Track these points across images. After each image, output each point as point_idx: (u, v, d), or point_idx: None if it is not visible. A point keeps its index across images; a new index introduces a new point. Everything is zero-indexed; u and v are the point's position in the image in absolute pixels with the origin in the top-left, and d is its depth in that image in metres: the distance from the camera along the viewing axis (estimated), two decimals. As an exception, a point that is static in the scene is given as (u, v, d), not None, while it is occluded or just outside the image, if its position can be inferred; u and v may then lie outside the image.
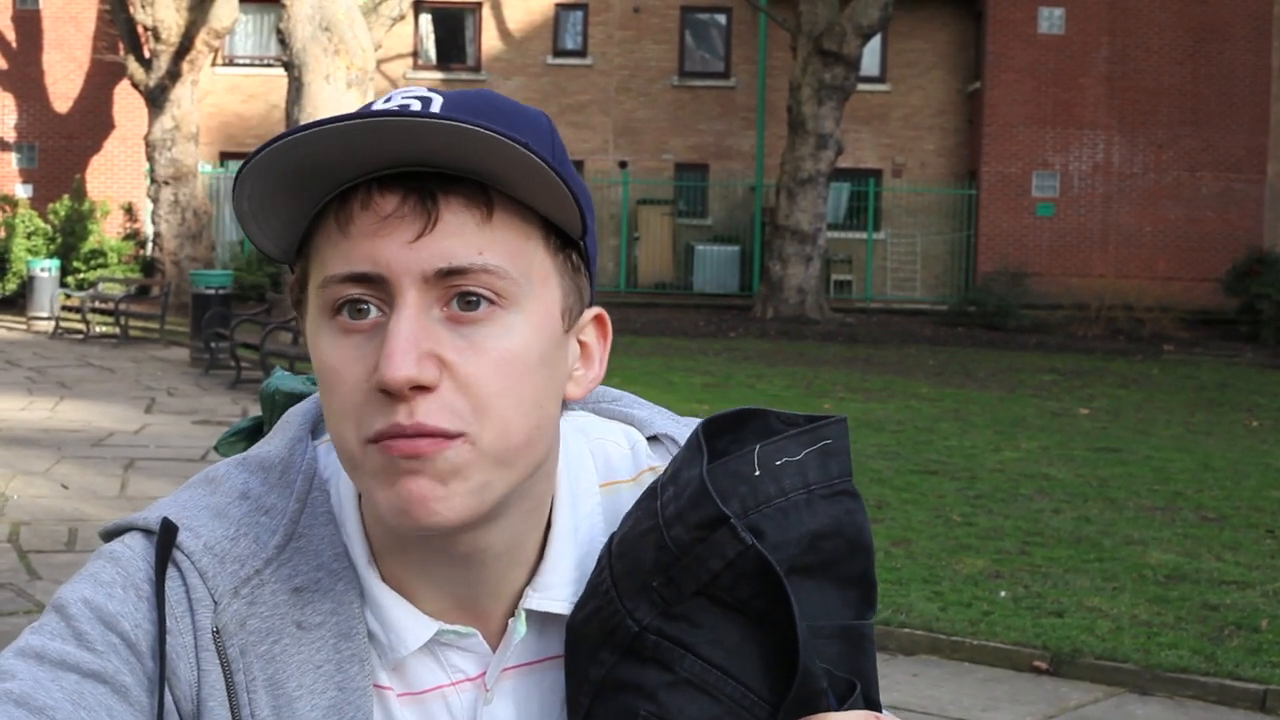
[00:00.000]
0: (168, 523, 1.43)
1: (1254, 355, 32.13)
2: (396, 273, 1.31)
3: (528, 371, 1.36)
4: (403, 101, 1.35)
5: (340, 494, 1.49)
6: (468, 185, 1.33)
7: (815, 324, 34.05)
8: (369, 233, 1.32)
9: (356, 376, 1.33)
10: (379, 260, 1.31)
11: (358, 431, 1.33)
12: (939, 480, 14.94)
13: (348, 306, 1.34)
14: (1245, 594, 10.53)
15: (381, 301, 1.33)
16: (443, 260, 1.31)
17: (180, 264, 34.35)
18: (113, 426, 17.86)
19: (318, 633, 1.42)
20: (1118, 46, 40.00)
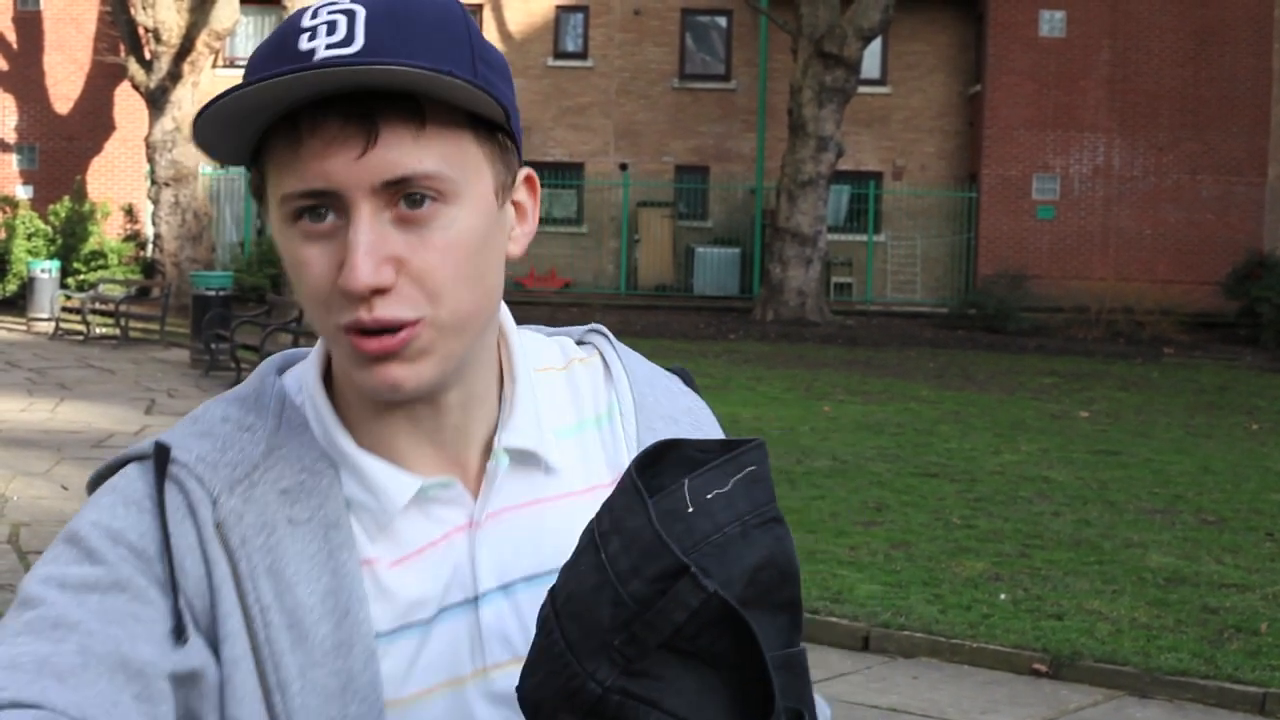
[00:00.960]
0: (160, 444, 1.57)
1: (1254, 358, 32.13)
2: (348, 187, 1.46)
3: (472, 253, 1.52)
4: (329, 18, 1.47)
5: (310, 401, 1.63)
6: (401, 101, 1.47)
7: (815, 326, 34.05)
8: (318, 153, 1.46)
9: (322, 271, 1.48)
10: (331, 177, 1.46)
11: (328, 318, 1.50)
12: (939, 483, 14.94)
13: (307, 213, 1.49)
14: (1245, 597, 10.54)
15: (336, 208, 1.48)
16: (387, 172, 1.46)
17: (181, 265, 34.36)
18: (113, 428, 17.87)
19: (307, 526, 1.54)
20: (1118, 49, 40.01)
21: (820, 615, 9.87)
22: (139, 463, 1.57)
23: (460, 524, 1.61)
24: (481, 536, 1.60)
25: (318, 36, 1.46)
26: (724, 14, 41.96)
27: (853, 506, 13.52)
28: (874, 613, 9.90)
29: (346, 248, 1.46)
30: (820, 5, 34.37)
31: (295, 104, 1.46)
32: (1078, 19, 40.06)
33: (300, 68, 1.42)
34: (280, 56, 1.46)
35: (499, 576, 1.60)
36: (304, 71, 1.41)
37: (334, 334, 1.50)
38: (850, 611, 9.93)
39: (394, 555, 1.58)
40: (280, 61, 1.45)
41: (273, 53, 1.49)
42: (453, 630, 1.58)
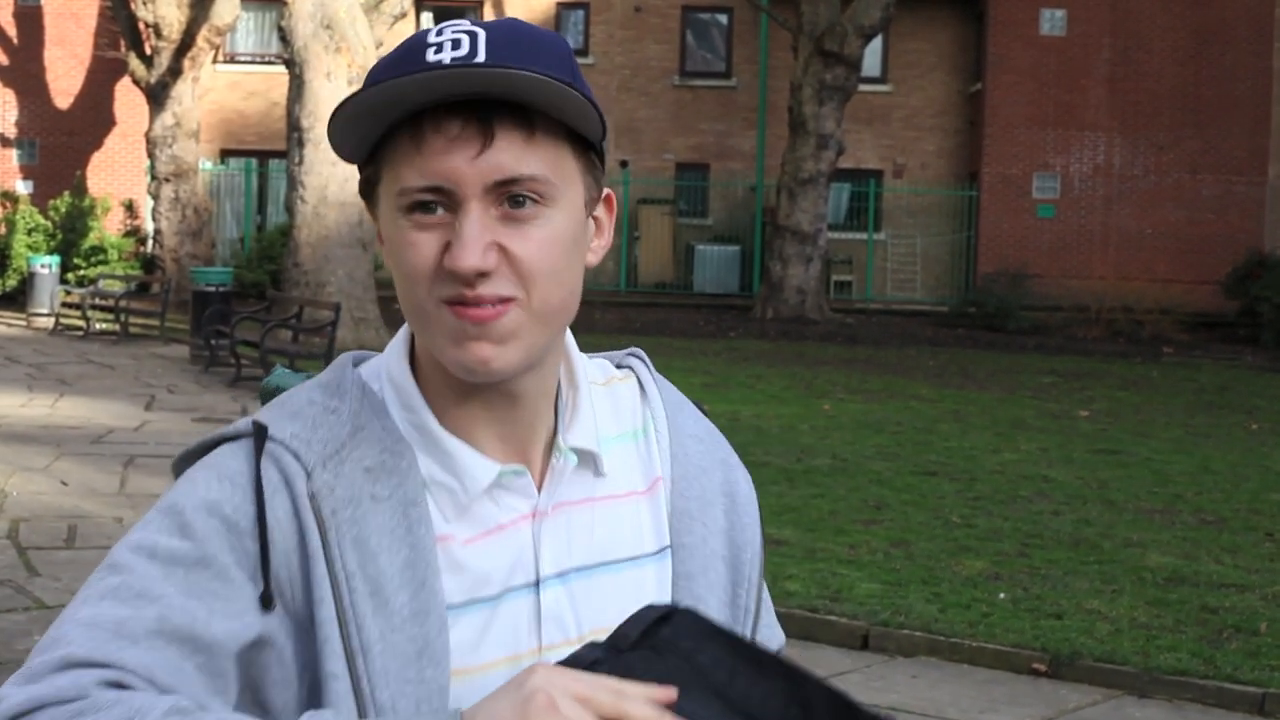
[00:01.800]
0: (258, 423, 1.73)
1: (1254, 358, 32.15)
2: (462, 184, 1.65)
3: (562, 251, 1.70)
4: (454, 36, 1.67)
5: (392, 388, 1.80)
6: (515, 110, 1.66)
7: (815, 324, 34.06)
8: (439, 152, 1.65)
9: (432, 253, 1.66)
10: (448, 175, 1.65)
11: (431, 293, 1.67)
12: (938, 481, 14.95)
13: (419, 207, 1.67)
14: (1244, 597, 10.54)
15: (447, 204, 1.66)
16: (498, 173, 1.65)
17: (180, 261, 34.35)
18: (112, 423, 17.86)
19: (388, 503, 1.70)
20: (1119, 48, 40.02)
21: (820, 614, 9.88)
22: (233, 442, 1.73)
23: (525, 512, 1.77)
24: (545, 526, 1.78)
25: (443, 50, 1.66)
26: (724, 11, 41.97)
27: (852, 505, 13.53)
28: (873, 611, 9.90)
29: (456, 235, 1.65)
30: (821, 3, 34.40)
31: (422, 105, 1.65)
32: (1078, 17, 40.07)
33: (435, 66, 1.63)
34: (408, 66, 1.65)
35: (557, 565, 1.77)
36: (442, 71, 1.61)
37: (433, 308, 1.67)
38: (850, 610, 9.93)
39: (466, 534, 1.74)
40: (409, 70, 1.64)
41: (399, 62, 1.67)
42: (515, 610, 1.74)
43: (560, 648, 1.72)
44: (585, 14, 41.76)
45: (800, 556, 11.39)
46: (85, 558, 11.01)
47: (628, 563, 1.82)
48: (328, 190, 25.55)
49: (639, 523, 1.85)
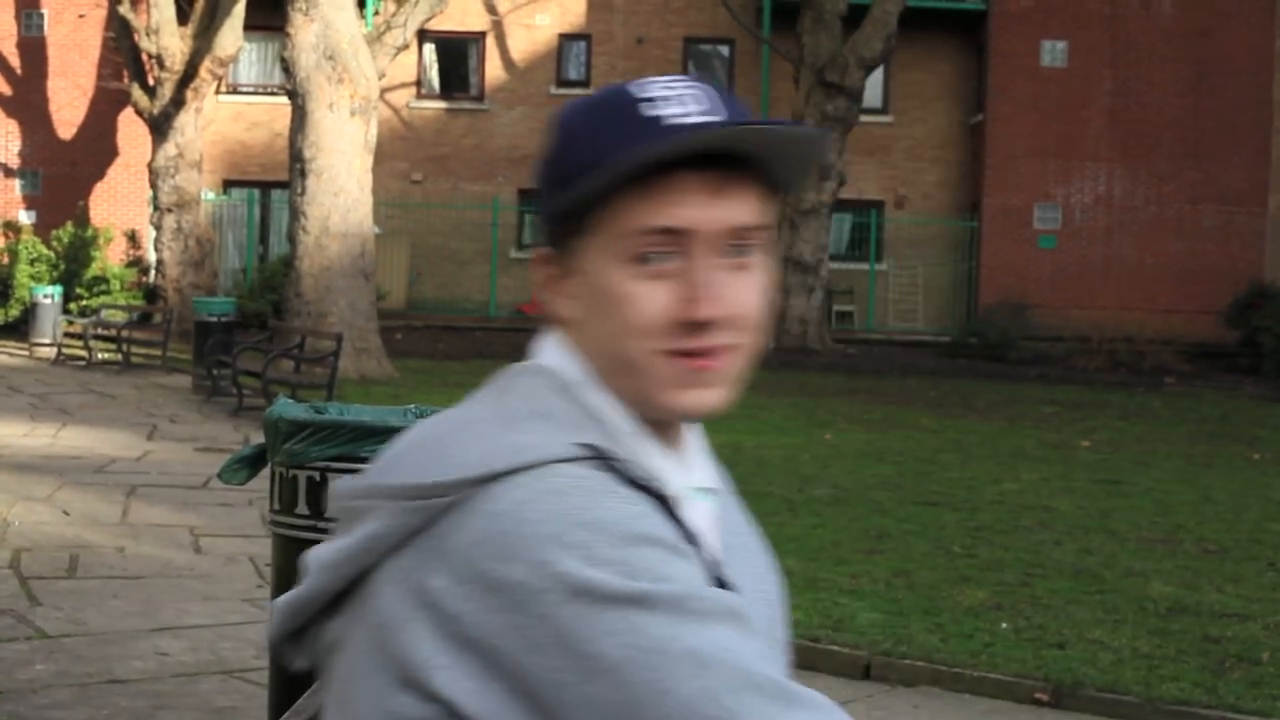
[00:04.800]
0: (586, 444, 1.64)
1: (1255, 388, 32.16)
2: (699, 230, 1.68)
3: (765, 295, 1.76)
4: (682, 92, 1.72)
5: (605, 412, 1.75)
6: (746, 162, 1.70)
7: (817, 355, 34.07)
8: (675, 201, 1.67)
9: (660, 307, 1.67)
10: (686, 219, 1.67)
11: (649, 345, 1.68)
12: (940, 511, 14.94)
13: (650, 253, 1.68)
14: (1247, 626, 10.53)
15: (677, 252, 1.68)
16: (732, 222, 1.69)
17: (183, 291, 34.38)
18: (114, 453, 17.87)
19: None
20: (1120, 80, 40.10)
21: (821, 643, 9.86)
22: (569, 465, 1.61)
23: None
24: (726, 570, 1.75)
25: (660, 107, 1.70)
26: (726, 43, 42.05)
27: (854, 535, 13.51)
28: (875, 641, 9.88)
29: (692, 284, 1.67)
30: (822, 34, 34.47)
31: (658, 162, 1.66)
32: (1079, 49, 40.15)
33: (735, 123, 1.68)
34: (635, 122, 1.69)
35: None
36: (716, 129, 1.66)
37: (648, 358, 1.69)
38: (851, 640, 9.92)
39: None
40: (638, 125, 1.69)
41: (624, 117, 1.71)
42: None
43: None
44: (587, 45, 41.85)
45: (801, 586, 11.38)
46: (87, 587, 11.00)
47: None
48: (330, 221, 25.61)
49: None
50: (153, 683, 8.62)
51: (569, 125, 1.77)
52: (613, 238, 1.70)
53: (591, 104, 1.76)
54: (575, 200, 1.71)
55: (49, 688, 8.60)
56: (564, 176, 1.73)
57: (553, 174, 1.76)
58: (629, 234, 1.68)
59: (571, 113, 1.78)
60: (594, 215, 1.71)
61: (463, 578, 1.55)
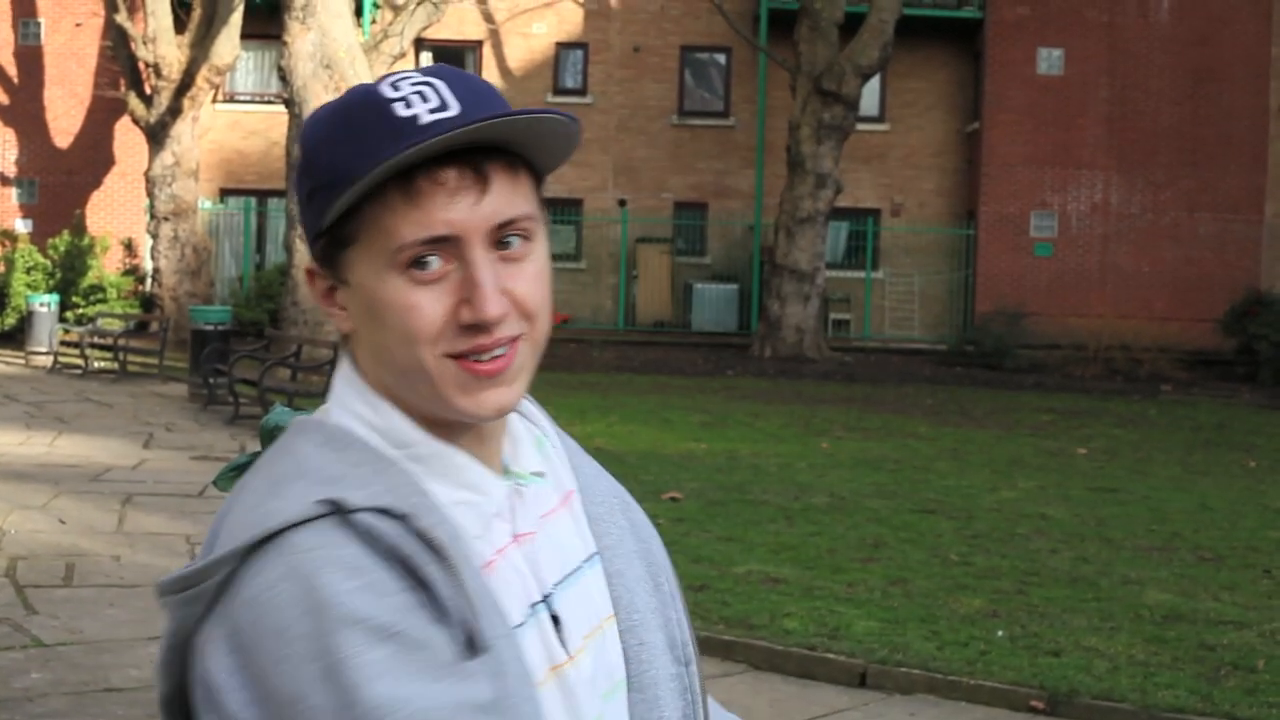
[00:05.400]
0: (327, 500, 1.60)
1: (1251, 396, 32.16)
2: (467, 232, 1.66)
3: (547, 280, 1.74)
4: (414, 89, 1.69)
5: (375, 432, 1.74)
6: (501, 153, 1.69)
7: (813, 363, 34.09)
8: (440, 205, 1.65)
9: (436, 313, 1.65)
10: (453, 224, 1.65)
11: (435, 350, 1.66)
12: (936, 519, 14.95)
13: (415, 263, 1.65)
14: (1242, 634, 10.54)
15: (447, 255, 1.66)
16: (498, 216, 1.68)
17: (179, 300, 34.38)
18: (110, 461, 17.87)
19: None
20: (1116, 87, 40.12)
21: (817, 651, 9.88)
22: (304, 529, 1.58)
23: (510, 537, 1.76)
24: (536, 543, 1.78)
25: (413, 105, 1.67)
26: (723, 51, 42.06)
27: (850, 543, 13.52)
28: (871, 649, 9.89)
29: (469, 285, 1.66)
30: (819, 43, 34.51)
31: (415, 163, 1.64)
32: (1076, 57, 40.17)
33: (435, 126, 1.64)
34: (384, 125, 1.66)
35: (553, 576, 1.79)
36: (470, 125, 1.63)
37: (435, 363, 1.67)
38: (847, 648, 9.93)
39: (483, 559, 1.71)
40: (386, 129, 1.65)
41: (371, 122, 1.67)
42: (541, 625, 1.74)
43: (582, 652, 1.77)
44: (584, 54, 41.86)
45: (798, 594, 11.39)
46: (83, 596, 11.01)
47: (584, 565, 1.85)
48: (326, 229, 25.59)
49: (572, 529, 1.86)
50: (148, 691, 8.61)
51: (320, 134, 1.72)
52: (380, 248, 1.67)
53: (340, 110, 1.72)
54: (339, 212, 1.67)
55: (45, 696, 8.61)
56: (321, 187, 1.69)
57: (309, 186, 1.72)
58: (397, 243, 1.65)
59: (320, 121, 1.73)
60: (358, 225, 1.68)
61: (230, 666, 1.56)
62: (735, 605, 10.97)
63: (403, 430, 1.73)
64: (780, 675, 9.76)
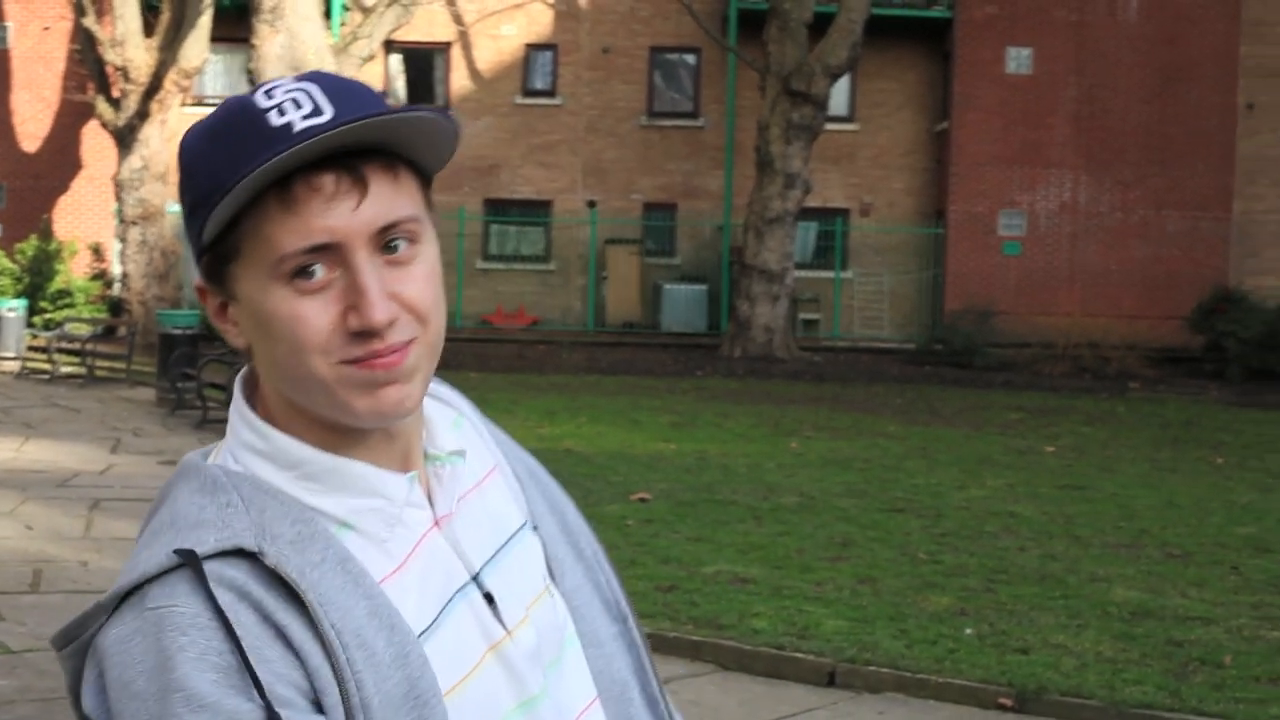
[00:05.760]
0: (180, 550, 1.61)
1: (1219, 393, 32.25)
2: (349, 238, 1.63)
3: (438, 280, 1.72)
4: (287, 96, 1.66)
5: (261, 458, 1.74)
6: (380, 155, 1.66)
7: (783, 363, 34.10)
8: (318, 211, 1.63)
9: (323, 323, 1.64)
10: (334, 232, 1.63)
11: (328, 359, 1.65)
12: (905, 518, 14.97)
13: (299, 272, 1.63)
14: (1210, 630, 10.57)
15: (331, 263, 1.64)
16: (380, 220, 1.65)
17: (147, 304, 34.27)
18: (78, 467, 17.81)
19: (326, 565, 1.65)
20: (1085, 86, 40.22)
21: (786, 651, 9.88)
22: (159, 582, 1.61)
23: (429, 524, 1.77)
24: (456, 525, 1.79)
25: (287, 113, 1.64)
26: (692, 52, 42.08)
27: (819, 542, 13.54)
28: (840, 648, 9.90)
29: (355, 292, 1.64)
30: (788, 43, 34.52)
31: (290, 170, 1.61)
32: (1044, 56, 40.27)
33: (309, 132, 1.61)
34: (258, 134, 1.63)
35: (481, 555, 1.80)
36: (338, 128, 1.60)
37: (329, 371, 1.65)
38: (816, 647, 9.94)
39: (394, 565, 1.72)
40: (260, 138, 1.62)
41: (246, 132, 1.64)
42: (470, 607, 1.76)
43: (521, 625, 1.79)
44: (553, 55, 41.85)
45: (767, 594, 11.40)
46: (51, 602, 10.97)
47: (518, 534, 1.88)
48: (295, 232, 25.54)
49: (500, 503, 1.89)
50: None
51: (196, 148, 1.70)
52: (261, 259, 1.65)
53: (215, 122, 1.69)
54: (218, 224, 1.66)
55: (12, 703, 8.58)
56: (199, 202, 1.67)
57: (189, 201, 1.70)
58: (278, 254, 1.64)
59: (196, 135, 1.71)
60: (239, 238, 1.66)
61: (98, 707, 1.61)
62: (704, 605, 10.97)
63: (291, 450, 1.72)
64: (749, 675, 9.76)
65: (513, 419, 22.43)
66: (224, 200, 1.61)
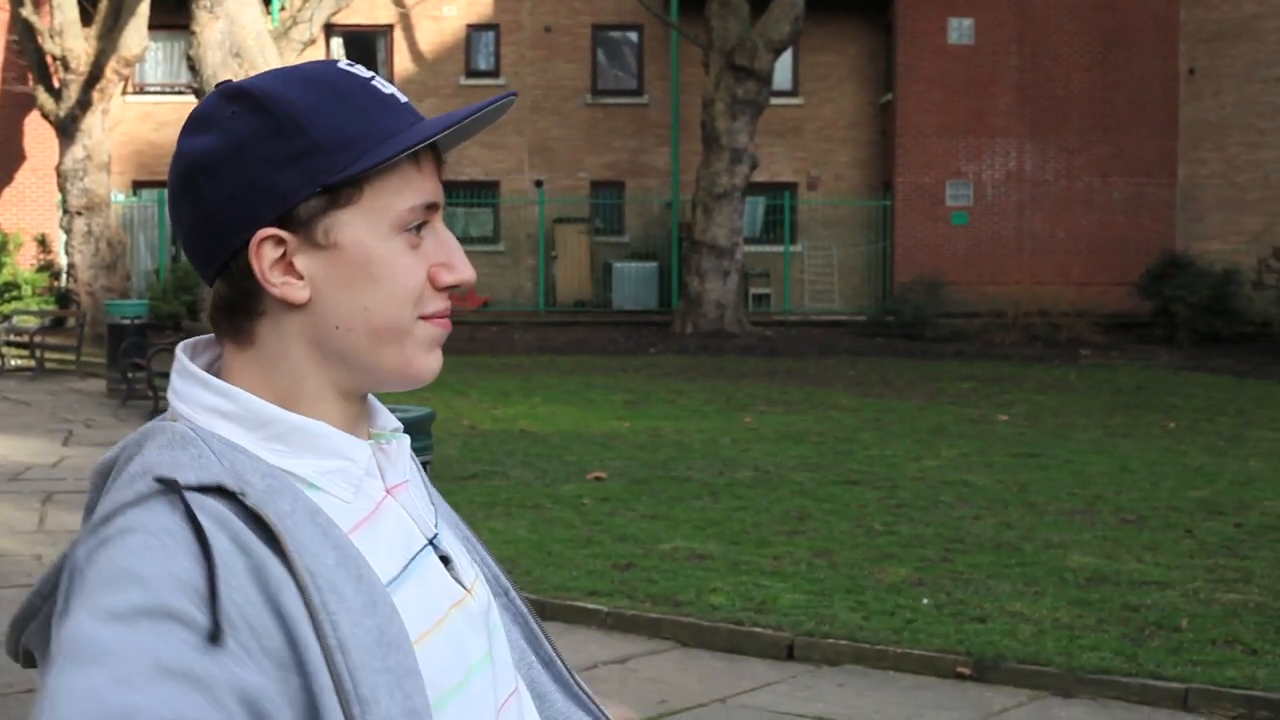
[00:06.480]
0: (161, 479, 1.61)
1: (1169, 357, 32.43)
2: (440, 202, 1.79)
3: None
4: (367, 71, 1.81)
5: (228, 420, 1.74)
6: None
7: (735, 338, 34.15)
8: (429, 174, 1.78)
9: (421, 273, 1.76)
10: (438, 194, 1.79)
11: (415, 311, 1.76)
12: (860, 490, 15.00)
13: (415, 224, 1.76)
14: (1165, 594, 10.63)
15: (427, 221, 1.78)
16: (442, 194, 1.81)
17: (95, 294, 34.07)
18: (30, 460, 17.71)
19: (296, 516, 1.66)
20: (1027, 55, 40.34)
21: (744, 625, 9.89)
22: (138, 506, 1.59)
23: (383, 492, 1.81)
24: (408, 494, 1.85)
25: (386, 85, 1.80)
26: (635, 29, 42.04)
27: (775, 516, 13.56)
28: (798, 621, 9.92)
29: (447, 250, 1.79)
30: (730, 18, 34.54)
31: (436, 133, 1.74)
32: (985, 26, 40.37)
33: (501, 99, 1.80)
34: (380, 100, 1.77)
35: (432, 521, 1.88)
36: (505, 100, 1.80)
37: (412, 325, 1.76)
38: (774, 621, 9.96)
39: (357, 521, 1.74)
40: (385, 104, 1.77)
41: (362, 94, 1.76)
42: (430, 567, 1.80)
43: (476, 586, 1.87)
44: (495, 35, 41.75)
45: (724, 570, 11.41)
46: (5, 596, 10.90)
47: (438, 511, 1.94)
48: (241, 219, 25.42)
49: (419, 480, 1.94)
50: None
51: (309, 99, 1.73)
52: (384, 209, 1.74)
53: (320, 79, 1.76)
54: (346, 174, 1.71)
55: (-33, 699, 8.52)
56: (321, 149, 1.71)
57: (302, 145, 1.71)
58: (406, 205, 1.75)
59: (301, 86, 1.75)
60: (358, 188, 1.73)
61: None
62: (661, 582, 10.97)
63: (260, 410, 1.74)
64: (708, 651, 9.77)
65: (466, 401, 22.41)
66: (377, 151, 1.71)
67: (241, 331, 1.76)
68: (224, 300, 1.75)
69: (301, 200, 1.71)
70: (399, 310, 1.74)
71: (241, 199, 1.71)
